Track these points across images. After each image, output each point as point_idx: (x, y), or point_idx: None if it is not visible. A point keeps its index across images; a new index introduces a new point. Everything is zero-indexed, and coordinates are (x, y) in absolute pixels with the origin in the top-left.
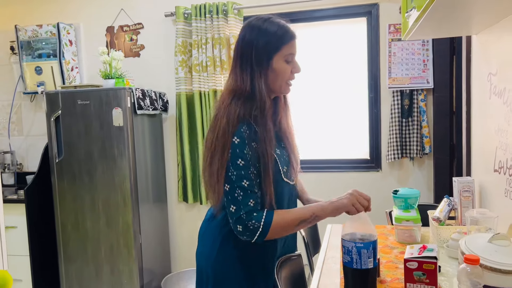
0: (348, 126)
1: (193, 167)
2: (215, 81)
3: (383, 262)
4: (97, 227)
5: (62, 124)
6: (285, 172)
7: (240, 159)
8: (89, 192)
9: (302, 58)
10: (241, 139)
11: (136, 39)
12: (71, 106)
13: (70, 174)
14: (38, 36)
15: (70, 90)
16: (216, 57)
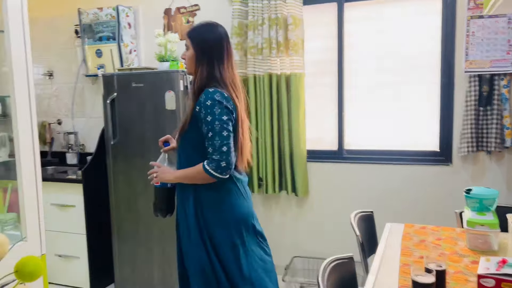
0: (415, 114)
1: None
2: (271, 64)
3: (450, 272)
4: (149, 210)
5: (117, 107)
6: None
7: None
8: (142, 175)
9: (367, 39)
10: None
11: (192, 21)
12: (126, 88)
13: (124, 156)
14: (99, 19)
15: (125, 72)
16: (272, 38)
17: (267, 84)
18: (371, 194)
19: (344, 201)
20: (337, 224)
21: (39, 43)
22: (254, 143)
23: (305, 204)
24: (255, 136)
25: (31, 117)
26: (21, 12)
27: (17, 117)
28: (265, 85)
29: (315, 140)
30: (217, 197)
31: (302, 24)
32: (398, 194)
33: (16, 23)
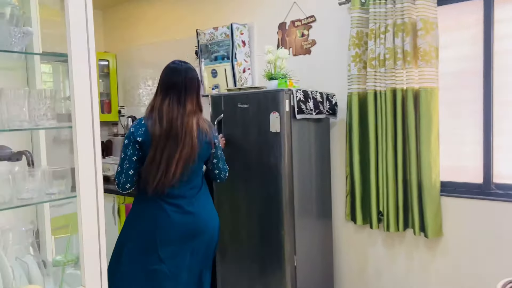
0: None
1: (364, 181)
2: (395, 77)
3: None
4: (251, 239)
5: (223, 129)
6: None
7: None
8: (244, 200)
9: None
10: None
11: (307, 34)
12: (232, 109)
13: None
14: (214, 38)
15: (232, 93)
16: (398, 47)
17: (390, 101)
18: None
19: (490, 251)
20: (480, 279)
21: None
22: (373, 170)
23: (438, 247)
24: (374, 163)
25: (94, 148)
26: (87, 38)
27: (78, 149)
28: (388, 102)
29: (451, 170)
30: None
31: (435, 29)
32: None
33: (81, 48)
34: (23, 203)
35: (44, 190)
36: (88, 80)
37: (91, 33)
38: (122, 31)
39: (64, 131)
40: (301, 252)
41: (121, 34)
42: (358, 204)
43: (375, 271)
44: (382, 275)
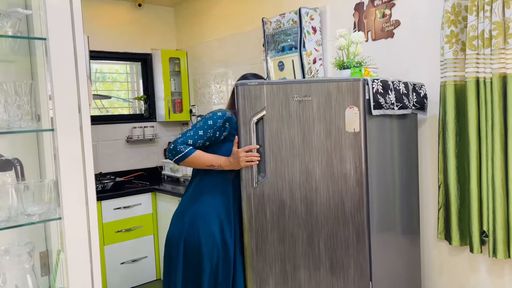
0: None
1: (462, 191)
2: (505, 60)
3: None
4: (315, 268)
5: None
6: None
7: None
8: (306, 220)
9: None
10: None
11: (389, 14)
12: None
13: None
14: (281, 27)
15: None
16: (510, 21)
17: (499, 91)
18: None
19: None
20: None
21: (234, 60)
22: (475, 178)
23: None
24: (476, 169)
25: (83, 157)
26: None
27: (60, 159)
28: (495, 92)
29: None
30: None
31: None
32: None
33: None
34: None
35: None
36: (74, 72)
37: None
38: (192, 28)
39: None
40: (379, 276)
41: (191, 31)
42: (455, 220)
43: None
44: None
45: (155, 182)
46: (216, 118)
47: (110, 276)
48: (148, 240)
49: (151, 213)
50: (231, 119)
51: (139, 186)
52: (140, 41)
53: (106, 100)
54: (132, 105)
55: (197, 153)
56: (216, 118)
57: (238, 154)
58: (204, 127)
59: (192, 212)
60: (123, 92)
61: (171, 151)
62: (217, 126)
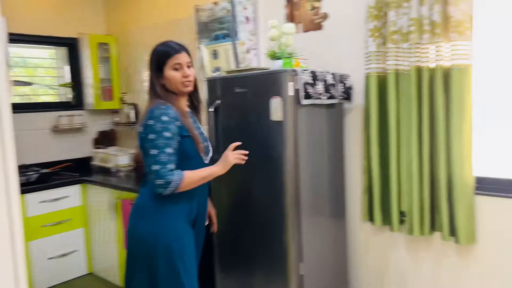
0: None
1: (383, 176)
2: (420, 54)
3: None
4: (252, 245)
5: (220, 116)
6: (200, 148)
7: (167, 131)
8: (244, 199)
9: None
10: (169, 117)
11: (318, 7)
12: (229, 95)
13: (225, 174)
14: (215, 15)
15: (229, 76)
16: (424, 17)
17: (415, 83)
18: None
19: None
20: None
21: None
22: (395, 163)
23: (471, 256)
24: (395, 155)
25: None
26: None
27: None
28: (412, 83)
29: (489, 164)
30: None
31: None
32: None
33: None
34: None
35: None
36: None
37: None
38: (122, 13)
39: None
40: (309, 258)
41: (121, 16)
42: (377, 203)
43: (396, 279)
44: (405, 284)
45: (84, 173)
46: (167, 124)
47: (36, 272)
48: (78, 233)
49: (80, 205)
50: (174, 112)
51: (67, 178)
52: (66, 25)
53: (29, 87)
54: (58, 93)
55: (186, 174)
56: (167, 125)
57: (227, 156)
58: (167, 142)
59: (160, 209)
60: (48, 79)
61: (162, 186)
62: (176, 131)
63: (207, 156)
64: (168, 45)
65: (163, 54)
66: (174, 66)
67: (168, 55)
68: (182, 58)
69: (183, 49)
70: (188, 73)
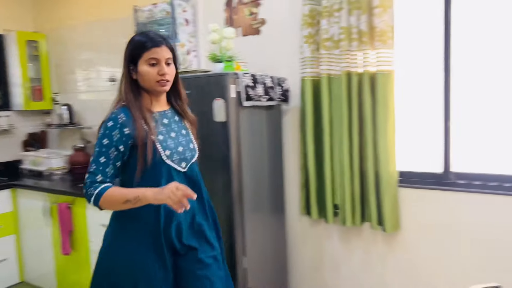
0: None
1: (319, 173)
2: (349, 60)
3: None
4: None
5: None
6: (168, 155)
7: (106, 138)
8: None
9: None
10: (114, 122)
11: (256, 12)
12: None
13: None
14: (154, 16)
15: None
16: (353, 27)
17: (345, 86)
18: (491, 240)
19: (450, 244)
20: (439, 273)
21: (104, 47)
22: (328, 161)
23: (395, 242)
24: (329, 153)
25: None
26: None
27: None
28: (343, 87)
29: (410, 159)
30: None
31: (392, 6)
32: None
33: None
34: None
35: None
36: None
37: None
38: (52, 10)
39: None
40: (252, 252)
41: (51, 13)
42: (313, 198)
43: (331, 266)
44: (339, 270)
45: (13, 177)
46: (109, 131)
47: None
48: (9, 240)
49: (11, 211)
50: (126, 117)
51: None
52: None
53: None
54: None
55: (109, 192)
56: (109, 132)
57: (164, 189)
58: (103, 150)
59: (120, 229)
60: None
61: (87, 197)
62: (116, 139)
63: (183, 163)
64: (146, 36)
65: (139, 46)
66: (150, 61)
67: (144, 48)
68: (161, 52)
69: (164, 42)
70: (165, 71)
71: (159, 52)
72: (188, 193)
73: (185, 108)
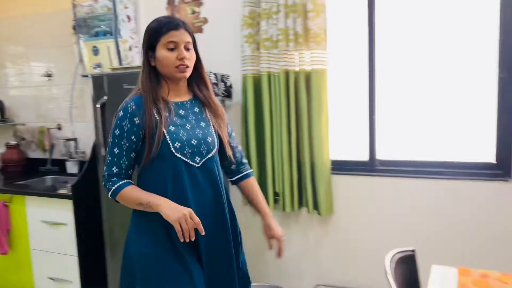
0: (465, 116)
1: (260, 163)
2: (287, 59)
3: None
4: None
5: (107, 112)
6: (177, 148)
7: (117, 129)
8: None
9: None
10: (124, 112)
11: (198, 11)
12: (117, 91)
13: None
14: (94, 12)
15: (116, 73)
16: (289, 29)
17: (284, 83)
18: (409, 216)
19: (376, 222)
20: (367, 249)
21: (37, 41)
22: (269, 152)
23: (330, 224)
24: (269, 145)
25: None
26: None
27: None
28: (281, 84)
29: (342, 149)
30: None
31: (324, 11)
32: (443, 217)
33: None
34: None
35: None
36: None
37: None
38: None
39: None
40: None
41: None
42: None
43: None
44: None
45: None
46: (120, 122)
47: None
48: None
49: None
50: (137, 106)
51: None
52: None
53: None
54: None
55: (127, 189)
56: (120, 122)
57: (175, 210)
58: (116, 141)
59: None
60: None
61: (105, 189)
62: (127, 129)
63: (197, 157)
64: (164, 19)
65: (156, 30)
66: (168, 45)
67: (161, 31)
68: (179, 35)
69: (181, 25)
70: (184, 55)
71: (177, 35)
72: (199, 227)
73: (211, 97)
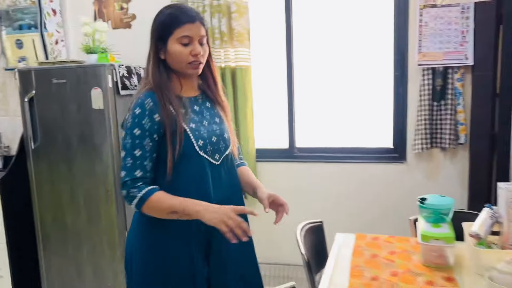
0: (368, 109)
1: None
2: (214, 56)
3: None
4: (78, 223)
5: (36, 106)
6: (200, 146)
7: (137, 128)
8: (68, 183)
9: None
10: (141, 109)
11: (126, 7)
12: (46, 85)
13: (47, 162)
14: (17, 4)
15: (45, 67)
16: (215, 28)
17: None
18: (322, 195)
19: (296, 203)
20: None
21: None
22: None
23: (255, 207)
24: None
25: None
26: None
27: None
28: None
29: (265, 139)
30: None
31: (247, 12)
32: (350, 195)
33: None
34: None
35: None
36: None
37: None
38: None
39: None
40: None
41: None
42: None
43: None
44: None
45: None
46: (139, 120)
47: None
48: None
49: None
50: (153, 102)
51: None
52: None
53: None
54: None
55: (156, 195)
56: (138, 120)
57: (217, 212)
58: (136, 142)
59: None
60: None
61: (126, 198)
62: (148, 127)
63: (217, 155)
64: (178, 9)
65: (170, 21)
66: (182, 39)
67: (175, 24)
68: (194, 29)
69: (198, 18)
70: (198, 51)
71: (193, 29)
72: (244, 226)
73: (219, 93)
